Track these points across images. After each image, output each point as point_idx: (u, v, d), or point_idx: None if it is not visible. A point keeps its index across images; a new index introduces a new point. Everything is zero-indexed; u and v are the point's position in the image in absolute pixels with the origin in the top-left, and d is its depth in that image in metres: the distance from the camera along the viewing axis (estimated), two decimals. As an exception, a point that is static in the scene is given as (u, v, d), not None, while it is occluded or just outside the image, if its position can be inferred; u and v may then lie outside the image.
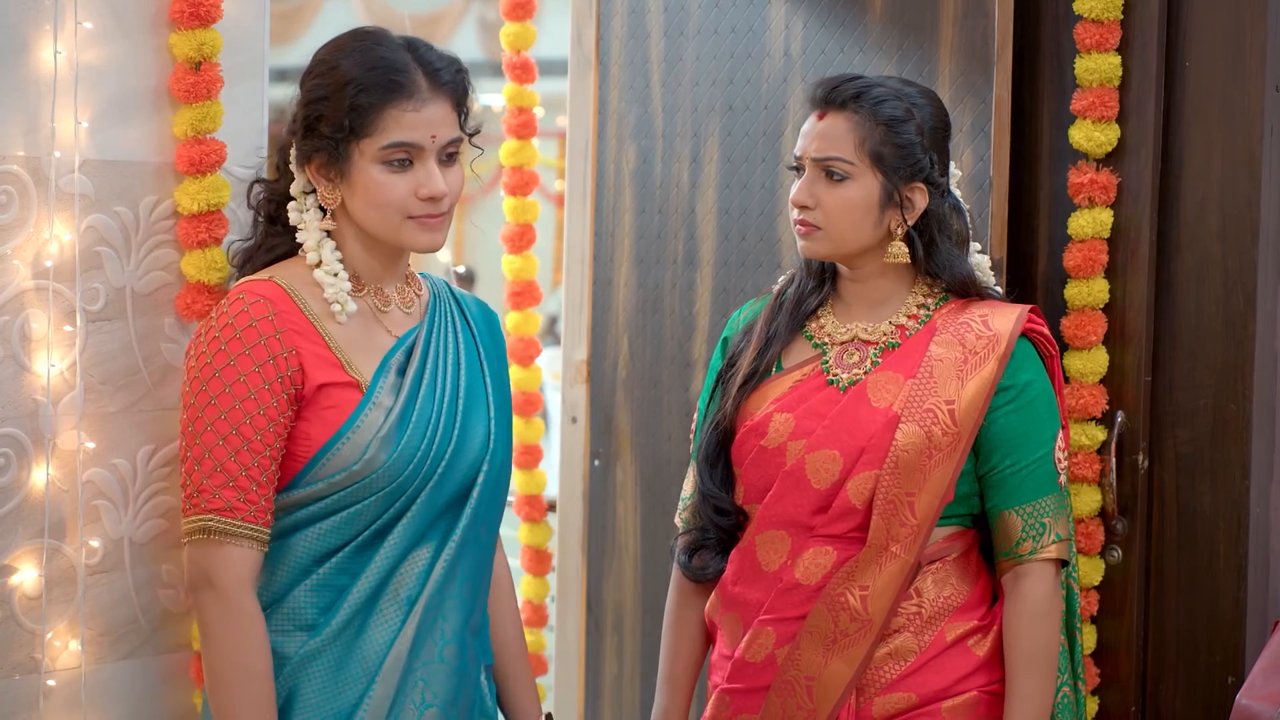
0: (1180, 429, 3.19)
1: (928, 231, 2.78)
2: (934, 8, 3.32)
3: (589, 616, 4.02)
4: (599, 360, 3.99)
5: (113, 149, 2.74)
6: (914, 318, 2.79)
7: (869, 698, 2.71)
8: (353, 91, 2.47)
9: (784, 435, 2.76)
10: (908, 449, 2.68)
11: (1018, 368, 2.73)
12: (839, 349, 2.81)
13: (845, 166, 2.73)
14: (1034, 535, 2.71)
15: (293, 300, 2.49)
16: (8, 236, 2.64)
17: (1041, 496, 2.72)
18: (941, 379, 2.71)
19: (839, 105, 2.76)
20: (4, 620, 2.67)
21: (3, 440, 2.65)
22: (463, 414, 2.57)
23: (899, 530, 2.68)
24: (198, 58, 2.76)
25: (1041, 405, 2.74)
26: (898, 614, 2.70)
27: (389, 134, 2.47)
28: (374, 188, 2.49)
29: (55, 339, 2.69)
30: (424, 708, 2.52)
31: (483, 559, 2.63)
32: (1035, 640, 2.70)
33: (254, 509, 2.44)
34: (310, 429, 2.48)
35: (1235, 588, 3.14)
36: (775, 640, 2.73)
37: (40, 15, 2.66)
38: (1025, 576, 2.72)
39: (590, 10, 3.98)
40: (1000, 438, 2.72)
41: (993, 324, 2.73)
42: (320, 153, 2.50)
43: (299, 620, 2.50)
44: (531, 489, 4.34)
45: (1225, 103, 3.13)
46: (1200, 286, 3.17)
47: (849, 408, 2.74)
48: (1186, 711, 3.20)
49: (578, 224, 4.05)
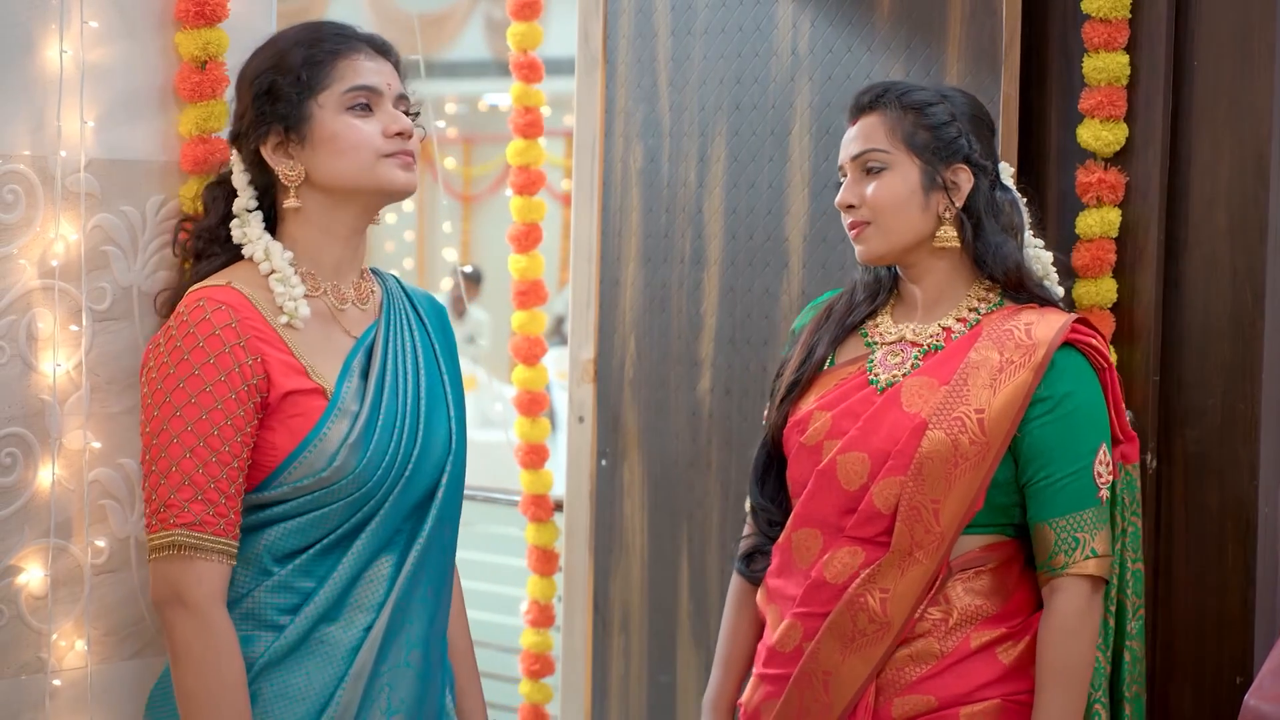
0: (1188, 428, 3.19)
1: (975, 214, 2.76)
2: (942, 7, 3.31)
3: (596, 616, 4.01)
4: (606, 359, 3.99)
5: (119, 148, 2.74)
6: (963, 321, 2.77)
7: (888, 698, 2.70)
8: (303, 49, 2.49)
9: (821, 434, 2.77)
10: (932, 456, 2.67)
11: (1058, 378, 2.69)
12: (886, 349, 2.80)
13: (881, 156, 2.75)
14: (1067, 549, 2.68)
15: (253, 305, 2.46)
16: (14, 236, 2.64)
17: (1077, 510, 2.68)
18: (975, 387, 2.68)
19: (869, 108, 2.79)
20: (10, 620, 2.67)
21: (9, 440, 2.65)
22: (425, 414, 2.55)
23: (923, 537, 2.67)
24: (203, 57, 2.76)
25: (1082, 417, 2.70)
26: (922, 619, 2.69)
27: (347, 80, 2.49)
28: (342, 133, 2.48)
29: (61, 338, 2.69)
30: (390, 713, 2.49)
31: (446, 560, 2.60)
32: (1065, 656, 2.67)
33: (223, 522, 2.39)
34: (275, 438, 2.44)
35: (1243, 587, 3.14)
36: (803, 634, 2.75)
37: (46, 14, 2.65)
38: (1059, 591, 2.68)
39: (597, 9, 3.97)
40: (1036, 448, 2.69)
41: (1035, 332, 2.70)
42: (276, 124, 2.49)
43: (260, 620, 2.46)
44: (538, 489, 4.33)
45: (1233, 101, 3.13)
46: (1208, 286, 3.16)
47: (881, 411, 2.73)
48: (1195, 712, 3.19)
49: (585, 223, 4.04)
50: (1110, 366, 2.75)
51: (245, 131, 2.54)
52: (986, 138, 2.81)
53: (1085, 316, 2.79)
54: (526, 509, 4.34)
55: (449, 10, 10.65)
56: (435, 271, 14.16)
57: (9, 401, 2.64)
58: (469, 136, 14.15)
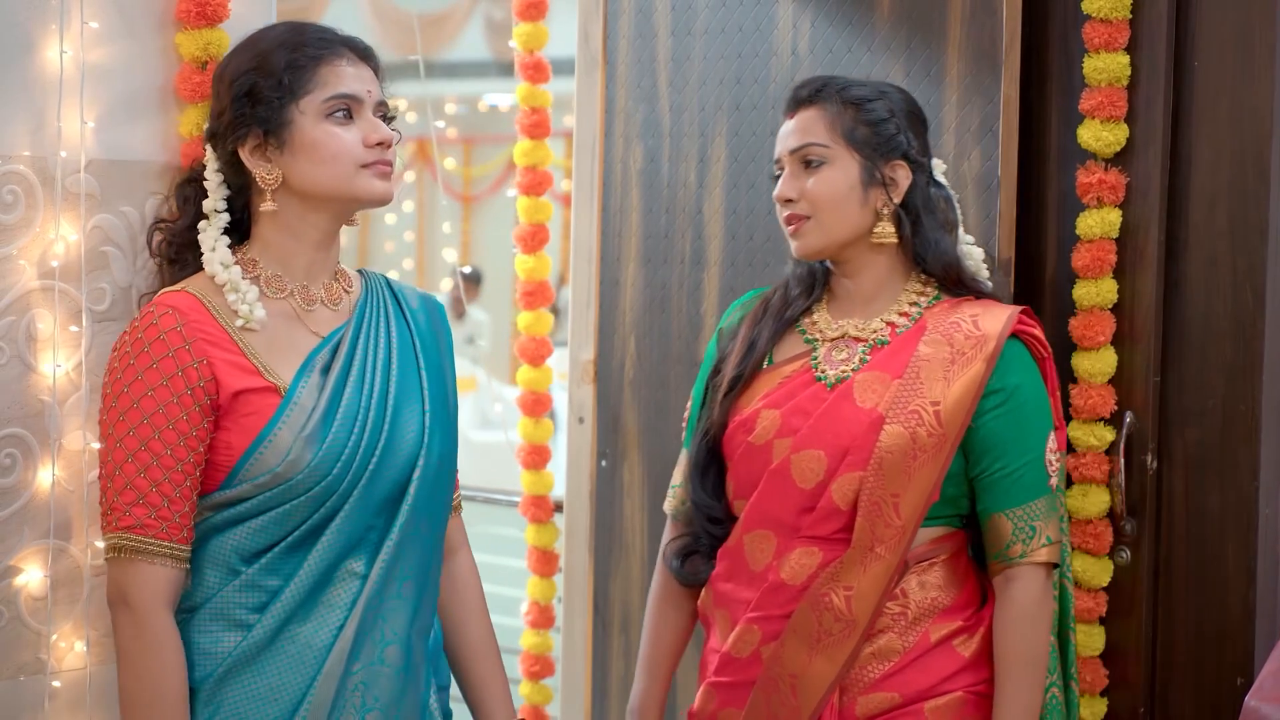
0: (1189, 429, 3.19)
1: (913, 210, 2.78)
2: (942, 7, 3.31)
3: (596, 617, 4.01)
4: (606, 360, 3.98)
5: (119, 149, 2.74)
6: (905, 315, 2.78)
7: (852, 697, 2.70)
8: (285, 53, 2.48)
9: (770, 432, 2.76)
10: (892, 450, 2.68)
11: (1007, 370, 2.72)
12: (829, 345, 2.80)
13: (821, 151, 2.75)
14: (1024, 539, 2.71)
15: (206, 308, 2.46)
16: (14, 236, 2.64)
17: (1032, 500, 2.72)
18: (928, 379, 2.70)
19: (807, 101, 2.80)
20: (9, 621, 2.67)
21: (8, 441, 2.65)
22: (394, 409, 2.53)
23: (883, 531, 2.68)
24: (204, 57, 2.76)
25: (1032, 408, 2.73)
26: (882, 614, 2.70)
27: (329, 87, 2.48)
28: (323, 142, 2.48)
29: (61, 339, 2.69)
30: (365, 711, 2.48)
31: (426, 556, 2.58)
32: (1024, 643, 2.70)
33: (167, 525, 2.40)
34: (230, 438, 2.44)
35: (1244, 588, 3.13)
36: (761, 637, 2.74)
37: (46, 15, 2.65)
38: (1015, 579, 2.71)
39: (597, 9, 3.97)
40: (990, 441, 2.71)
41: (982, 324, 2.72)
42: (255, 127, 2.48)
43: (229, 619, 2.45)
44: (538, 489, 4.33)
45: (1234, 102, 3.13)
46: (1209, 286, 3.16)
47: (834, 407, 2.73)
48: (1195, 713, 3.19)
49: (585, 224, 4.04)
50: (1049, 355, 2.79)
51: (223, 131, 2.52)
52: (922, 134, 2.83)
53: (1028, 308, 2.80)
54: (526, 510, 4.34)
55: (449, 10, 10.64)
56: (435, 272, 14.14)
57: (8, 402, 2.64)
58: (469, 137, 14.14)
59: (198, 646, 2.45)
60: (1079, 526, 3.22)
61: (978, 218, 3.25)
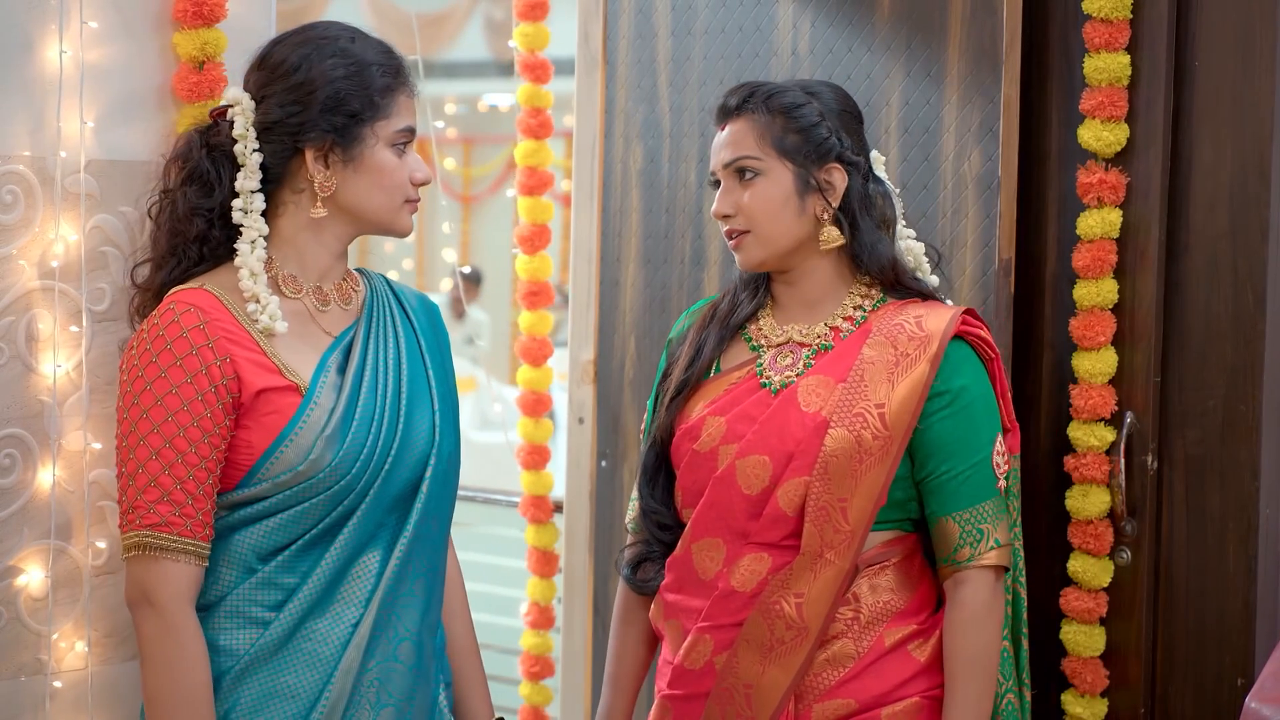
0: (1189, 430, 3.18)
1: (850, 212, 2.74)
2: (942, 7, 3.31)
3: (596, 618, 4.01)
4: (606, 360, 3.98)
5: (118, 149, 2.74)
6: (849, 319, 2.75)
7: (808, 704, 2.67)
8: (378, 72, 2.50)
9: (716, 439, 2.73)
10: (837, 454, 2.65)
11: (953, 372, 2.69)
12: (774, 351, 2.77)
13: (754, 163, 2.71)
14: (971, 542, 2.68)
15: (225, 307, 2.46)
16: (13, 237, 2.63)
17: (979, 503, 2.69)
18: (872, 382, 2.67)
19: (736, 111, 2.74)
20: (10, 621, 2.67)
21: (8, 441, 2.65)
22: (406, 408, 2.55)
23: (832, 536, 2.65)
24: (201, 57, 2.76)
25: (979, 410, 2.70)
26: (835, 620, 2.67)
27: (403, 118, 2.52)
28: (387, 170, 2.51)
29: (61, 339, 2.68)
30: (380, 707, 2.50)
31: (436, 554, 2.60)
32: (974, 646, 2.67)
33: (190, 523, 2.40)
34: (251, 436, 2.45)
35: (1245, 589, 3.13)
36: (713, 647, 2.71)
37: (45, 15, 2.65)
38: (964, 583, 2.69)
39: (597, 9, 3.97)
40: (936, 443, 2.68)
41: (926, 325, 2.69)
42: (326, 135, 2.47)
43: (246, 617, 2.46)
44: (538, 490, 4.33)
45: (1235, 102, 3.12)
46: (1210, 287, 3.16)
47: (779, 412, 2.70)
48: (1196, 714, 3.19)
49: (585, 224, 4.04)
50: (997, 356, 2.76)
51: (295, 128, 2.48)
52: (856, 131, 2.78)
53: (971, 309, 2.77)
54: (526, 510, 4.34)
55: (448, 10, 10.64)
56: (434, 272, 14.15)
57: (8, 403, 2.64)
58: (468, 137, 14.15)
59: (214, 644, 2.45)
60: (1079, 527, 3.22)
61: (978, 218, 3.24)
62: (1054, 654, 3.26)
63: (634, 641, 2.92)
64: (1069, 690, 3.26)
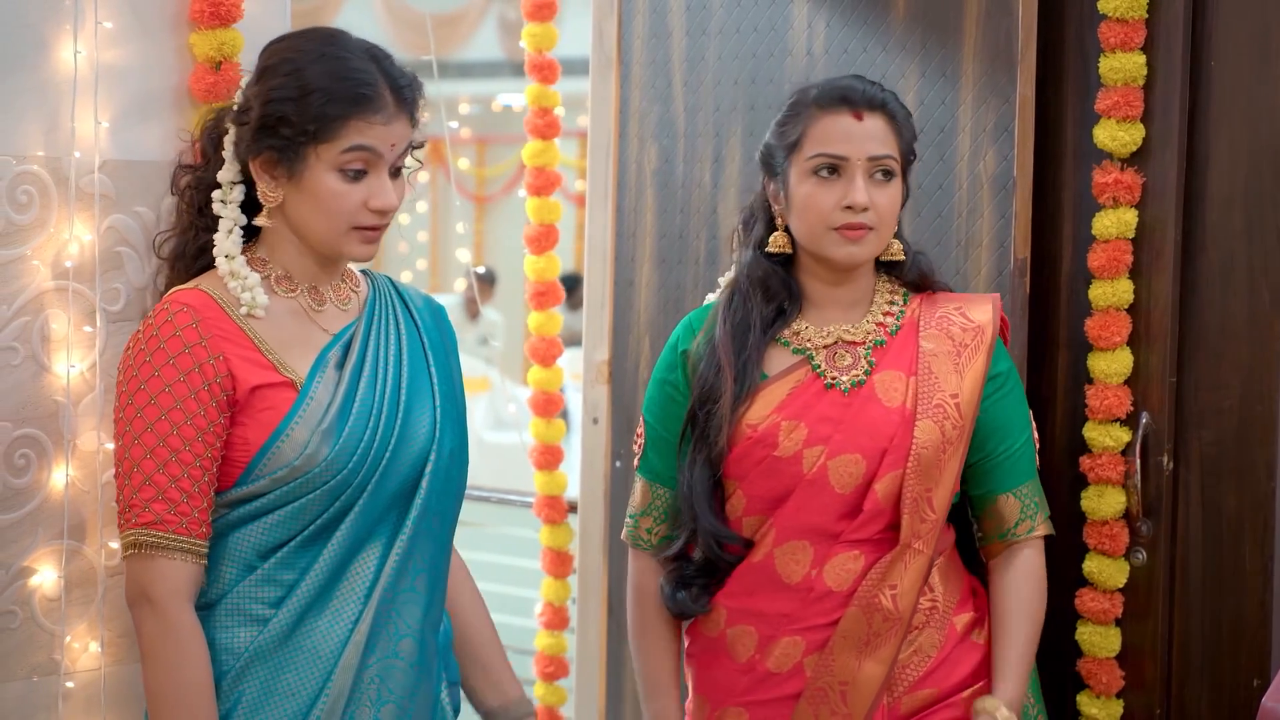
0: (1205, 430, 3.18)
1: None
2: (957, 7, 3.30)
3: (610, 619, 4.01)
4: (620, 361, 3.98)
5: (133, 149, 2.74)
6: (890, 314, 2.82)
7: (897, 696, 2.74)
8: (320, 100, 2.44)
9: (799, 443, 2.74)
10: (927, 446, 2.72)
11: (999, 356, 2.81)
12: (825, 352, 2.79)
13: (893, 164, 2.77)
14: (1031, 514, 2.81)
15: (219, 306, 2.47)
16: (28, 237, 2.64)
17: (1032, 476, 2.83)
18: (941, 373, 2.75)
19: (878, 107, 2.77)
20: (24, 622, 2.67)
21: (23, 441, 2.65)
22: (405, 405, 2.55)
23: (920, 527, 2.72)
24: (218, 57, 2.76)
25: (1020, 390, 2.85)
26: (918, 610, 2.73)
27: (350, 137, 2.44)
28: (326, 195, 2.46)
29: (75, 339, 2.69)
30: (381, 704, 2.50)
31: (438, 551, 2.60)
32: (1032, 601, 2.79)
33: (186, 521, 2.41)
34: (247, 433, 2.46)
35: (1261, 589, 3.12)
36: (804, 648, 2.73)
37: (60, 15, 2.65)
38: (1021, 549, 2.81)
39: (612, 9, 3.97)
40: (994, 424, 2.79)
41: (972, 315, 2.80)
42: (271, 150, 2.47)
43: (246, 614, 2.47)
44: (552, 490, 4.32)
45: (1251, 101, 3.12)
46: (1225, 286, 3.15)
47: (862, 410, 2.74)
48: (1212, 715, 3.18)
49: (599, 224, 4.04)
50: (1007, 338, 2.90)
51: (244, 135, 2.50)
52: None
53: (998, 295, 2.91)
54: (540, 511, 4.33)
55: (462, 10, 10.65)
56: (449, 272, 14.16)
57: (23, 403, 2.64)
58: (483, 137, 14.16)
59: (215, 642, 2.46)
60: (1095, 528, 3.21)
61: (993, 218, 3.24)
62: (1069, 655, 3.25)
63: (661, 650, 2.91)
64: (1084, 691, 3.25)
